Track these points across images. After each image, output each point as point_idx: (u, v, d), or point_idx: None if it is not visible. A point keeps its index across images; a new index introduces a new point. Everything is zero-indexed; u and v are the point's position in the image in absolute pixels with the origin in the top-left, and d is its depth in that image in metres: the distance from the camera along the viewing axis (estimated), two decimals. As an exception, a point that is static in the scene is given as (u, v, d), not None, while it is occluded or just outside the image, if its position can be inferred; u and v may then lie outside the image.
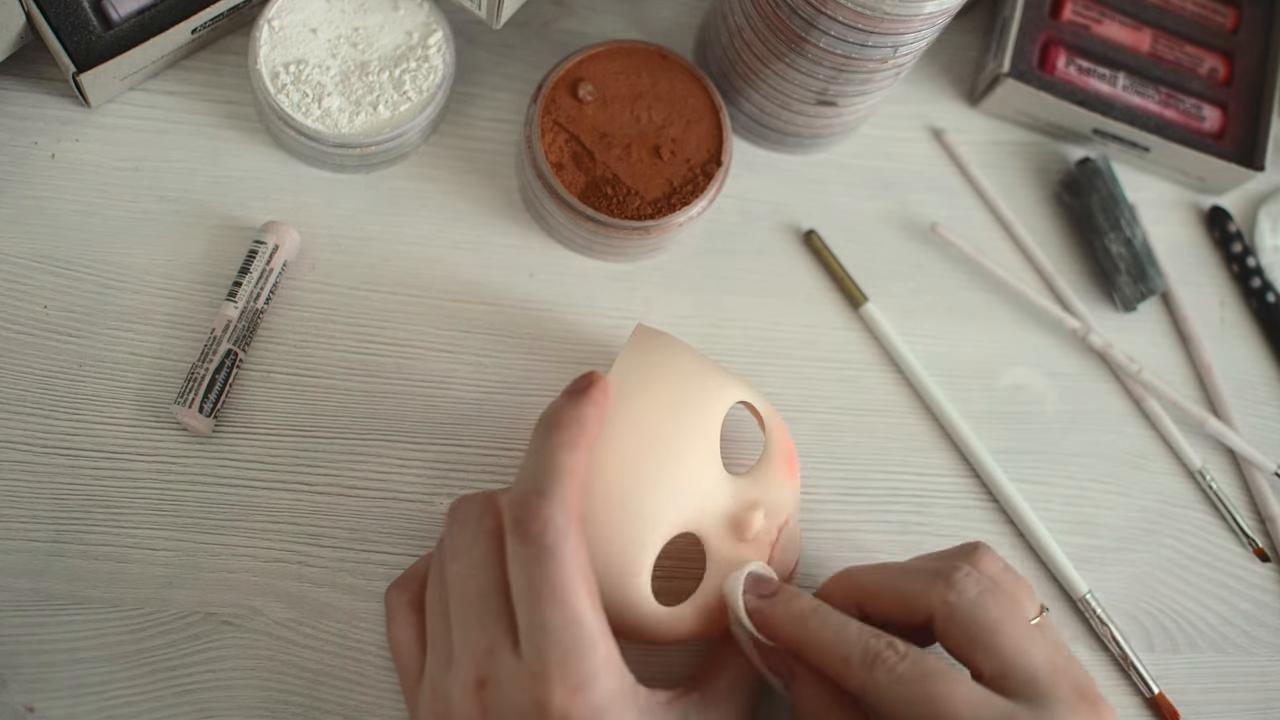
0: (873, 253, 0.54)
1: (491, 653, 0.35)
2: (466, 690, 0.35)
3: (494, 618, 0.36)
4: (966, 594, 0.38)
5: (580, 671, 0.34)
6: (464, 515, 0.38)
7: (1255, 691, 0.51)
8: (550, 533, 0.35)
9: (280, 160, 0.50)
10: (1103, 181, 0.55)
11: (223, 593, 0.44)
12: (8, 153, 0.48)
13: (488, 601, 0.36)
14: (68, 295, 0.46)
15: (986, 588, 0.39)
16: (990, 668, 0.37)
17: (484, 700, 0.35)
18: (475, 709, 0.35)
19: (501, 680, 0.35)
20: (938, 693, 0.36)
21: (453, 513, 0.39)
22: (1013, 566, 0.42)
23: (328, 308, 0.48)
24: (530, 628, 0.35)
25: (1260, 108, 0.57)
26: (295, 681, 0.44)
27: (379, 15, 0.49)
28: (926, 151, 0.56)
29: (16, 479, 0.44)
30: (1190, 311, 0.56)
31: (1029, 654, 0.38)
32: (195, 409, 0.45)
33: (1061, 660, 0.38)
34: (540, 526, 0.35)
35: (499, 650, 0.35)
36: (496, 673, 0.35)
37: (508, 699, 0.35)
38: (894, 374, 0.52)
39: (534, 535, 0.35)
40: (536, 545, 0.35)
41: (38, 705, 0.42)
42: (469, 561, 0.37)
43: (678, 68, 0.50)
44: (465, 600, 0.37)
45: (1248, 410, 0.56)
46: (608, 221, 0.47)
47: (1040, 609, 0.40)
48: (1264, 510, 0.54)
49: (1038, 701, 0.36)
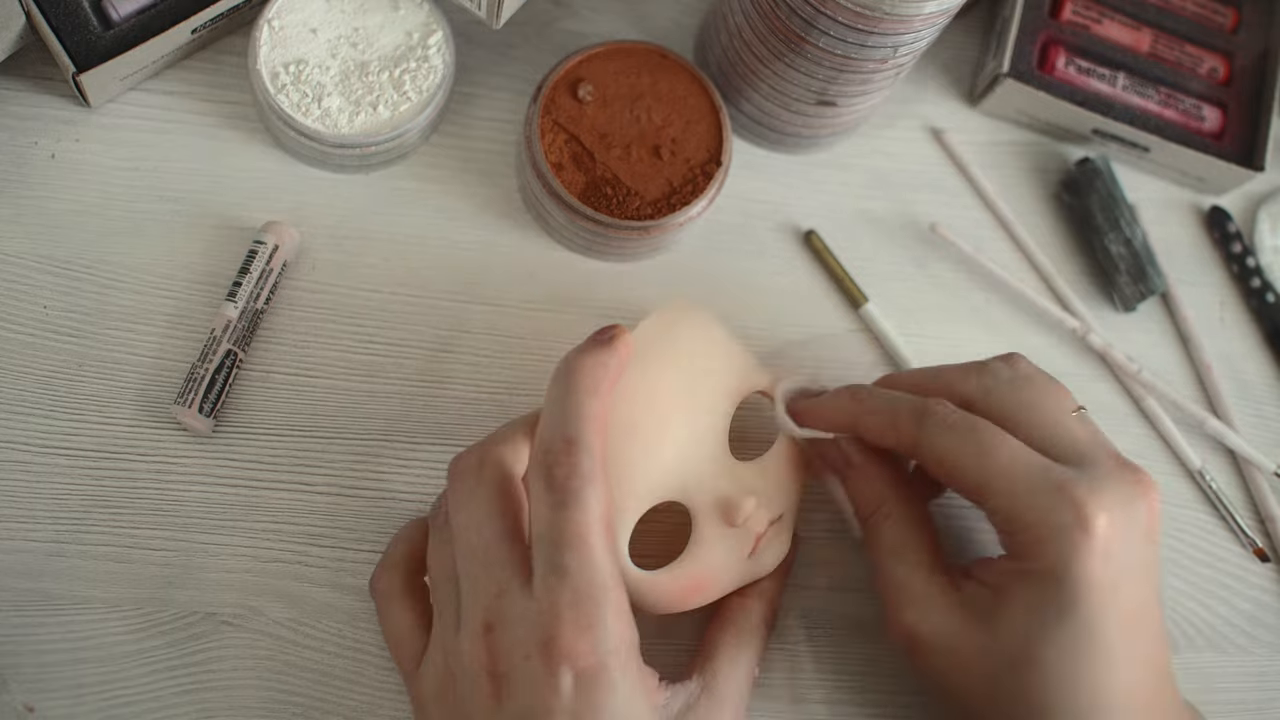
0: (873, 253, 0.54)
1: (500, 595, 0.35)
2: (476, 637, 0.35)
3: (502, 563, 0.36)
4: (1002, 377, 0.41)
5: (591, 614, 0.34)
6: (463, 469, 0.38)
7: (1255, 691, 0.51)
8: (576, 478, 0.35)
9: (280, 160, 0.50)
10: (1102, 181, 0.55)
11: (223, 593, 0.44)
12: (8, 153, 0.48)
13: (495, 549, 0.36)
14: (68, 295, 0.46)
15: (1024, 375, 0.41)
16: (1032, 439, 0.39)
17: (491, 643, 0.35)
18: (483, 653, 0.35)
19: (510, 619, 0.35)
20: (985, 440, 0.38)
21: (453, 469, 0.39)
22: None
23: (328, 308, 0.48)
24: (547, 569, 0.35)
25: (1260, 108, 0.57)
26: (295, 681, 0.44)
27: (379, 15, 0.49)
28: (926, 151, 0.56)
29: (16, 479, 0.44)
30: (1190, 311, 0.56)
31: (1070, 429, 0.40)
32: (195, 409, 0.45)
33: (1103, 439, 0.40)
34: (567, 472, 0.35)
35: (508, 591, 0.35)
36: (505, 613, 0.35)
37: (515, 637, 0.35)
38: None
39: (560, 480, 0.35)
40: (563, 490, 0.35)
41: (38, 705, 0.42)
42: (473, 511, 0.37)
43: (678, 68, 0.50)
44: (472, 551, 0.37)
45: (1248, 410, 0.56)
46: (608, 221, 0.47)
47: (1079, 406, 0.41)
48: (1264, 510, 0.54)
49: (1079, 464, 0.38)
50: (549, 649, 0.34)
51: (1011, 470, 0.38)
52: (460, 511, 0.37)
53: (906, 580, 0.41)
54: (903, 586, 0.41)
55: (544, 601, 0.34)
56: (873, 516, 0.43)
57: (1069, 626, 0.37)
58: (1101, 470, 0.38)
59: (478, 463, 0.38)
